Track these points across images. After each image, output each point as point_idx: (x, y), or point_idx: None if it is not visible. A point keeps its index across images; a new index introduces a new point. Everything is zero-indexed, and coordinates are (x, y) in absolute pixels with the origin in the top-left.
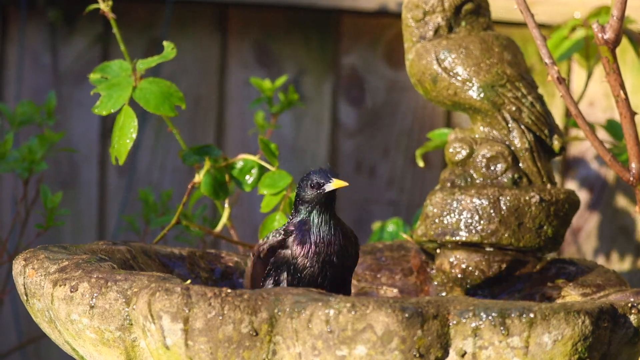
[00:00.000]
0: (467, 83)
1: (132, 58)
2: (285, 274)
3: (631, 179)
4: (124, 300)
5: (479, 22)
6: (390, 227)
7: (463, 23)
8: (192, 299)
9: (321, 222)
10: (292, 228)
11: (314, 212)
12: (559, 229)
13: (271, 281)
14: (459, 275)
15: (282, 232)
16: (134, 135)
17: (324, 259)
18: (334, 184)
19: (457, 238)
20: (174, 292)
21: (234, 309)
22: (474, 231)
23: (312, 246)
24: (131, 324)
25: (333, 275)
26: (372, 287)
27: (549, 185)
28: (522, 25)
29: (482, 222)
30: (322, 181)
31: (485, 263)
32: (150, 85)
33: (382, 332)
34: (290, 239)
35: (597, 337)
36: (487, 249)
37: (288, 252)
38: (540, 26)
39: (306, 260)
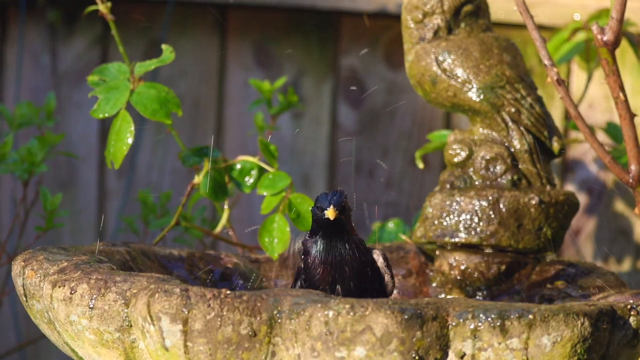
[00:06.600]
0: (467, 84)
1: (131, 59)
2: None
3: (630, 181)
4: (123, 301)
5: (479, 24)
6: (390, 228)
7: (462, 24)
8: (191, 300)
9: (327, 244)
10: (307, 244)
11: (321, 232)
12: (558, 230)
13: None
14: (458, 277)
15: (301, 246)
16: (130, 141)
17: (332, 279)
18: (328, 212)
19: (457, 239)
20: (173, 293)
21: (233, 310)
22: (473, 233)
23: (319, 268)
24: (130, 325)
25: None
26: None
27: (548, 187)
28: (521, 26)
29: (481, 223)
30: (324, 206)
31: (485, 264)
32: (148, 90)
33: (381, 334)
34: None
35: (596, 339)
36: (487, 250)
37: (301, 265)
38: (540, 28)
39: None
